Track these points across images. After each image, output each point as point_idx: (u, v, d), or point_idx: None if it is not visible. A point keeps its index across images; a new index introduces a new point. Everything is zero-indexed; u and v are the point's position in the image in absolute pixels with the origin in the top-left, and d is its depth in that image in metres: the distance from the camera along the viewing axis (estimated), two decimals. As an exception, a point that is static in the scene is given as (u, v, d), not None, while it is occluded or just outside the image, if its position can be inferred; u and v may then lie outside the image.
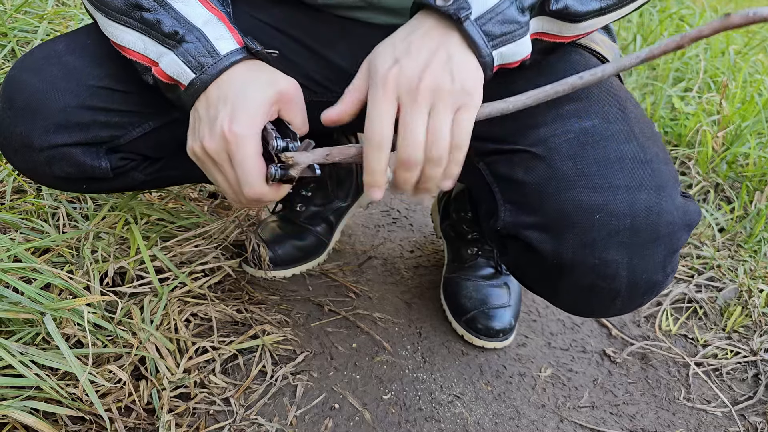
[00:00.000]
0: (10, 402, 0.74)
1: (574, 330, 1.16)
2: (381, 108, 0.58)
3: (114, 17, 0.69)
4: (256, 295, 1.10)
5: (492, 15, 0.59)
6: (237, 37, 0.68)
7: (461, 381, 1.01)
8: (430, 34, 0.60)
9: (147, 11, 0.67)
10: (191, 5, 0.68)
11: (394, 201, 1.52)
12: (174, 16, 0.67)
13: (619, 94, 0.72)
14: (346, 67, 0.84)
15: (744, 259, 1.42)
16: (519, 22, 0.60)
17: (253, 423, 0.87)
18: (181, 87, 0.67)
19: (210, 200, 1.27)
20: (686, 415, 1.01)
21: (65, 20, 1.51)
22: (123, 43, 0.69)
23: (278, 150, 0.65)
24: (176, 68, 0.66)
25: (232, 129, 0.63)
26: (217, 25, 0.68)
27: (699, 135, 1.79)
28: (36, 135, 0.73)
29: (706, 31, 0.58)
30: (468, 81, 0.59)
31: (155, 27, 0.67)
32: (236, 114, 0.63)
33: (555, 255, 0.65)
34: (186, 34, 0.66)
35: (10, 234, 0.96)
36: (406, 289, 1.21)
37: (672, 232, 0.64)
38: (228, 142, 0.63)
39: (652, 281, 0.66)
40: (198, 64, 0.65)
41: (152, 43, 0.67)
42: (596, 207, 0.63)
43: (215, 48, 0.66)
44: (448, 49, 0.59)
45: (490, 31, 0.59)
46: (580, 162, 0.64)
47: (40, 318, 0.79)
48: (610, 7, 0.65)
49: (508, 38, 0.60)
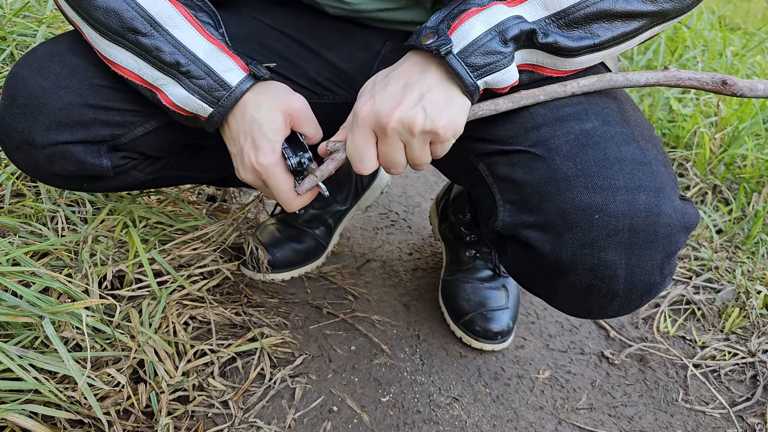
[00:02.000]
0: (8, 405, 0.74)
1: (572, 332, 1.17)
2: (356, 140, 0.66)
3: (107, 35, 0.70)
4: (254, 298, 1.10)
5: (474, 48, 0.63)
6: (242, 65, 0.71)
7: (459, 383, 1.01)
8: (410, 69, 0.66)
9: (143, 36, 0.69)
10: (188, 33, 0.70)
11: (393, 204, 1.52)
12: (173, 43, 0.69)
13: (619, 97, 0.73)
14: (347, 68, 0.85)
15: (742, 261, 1.42)
16: (502, 53, 0.63)
17: (252, 426, 0.87)
18: (201, 118, 0.72)
19: (208, 203, 1.27)
20: (684, 416, 1.02)
21: (64, 24, 1.51)
22: (115, 60, 0.72)
23: (295, 167, 0.72)
24: (194, 105, 0.71)
25: (259, 161, 0.71)
26: (221, 56, 0.71)
27: (696, 137, 1.79)
28: (37, 132, 0.74)
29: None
30: (441, 118, 0.64)
31: (153, 53, 0.69)
32: (258, 145, 0.71)
33: (554, 255, 0.66)
34: (189, 66, 0.69)
35: (9, 237, 0.96)
36: (404, 291, 1.21)
37: (670, 234, 0.64)
38: (259, 173, 0.72)
39: (649, 283, 0.66)
40: (213, 98, 0.70)
41: (147, 66, 0.70)
42: (596, 207, 0.63)
43: (225, 81, 0.70)
44: (425, 84, 0.64)
45: (473, 63, 0.63)
46: (580, 163, 0.65)
47: (38, 321, 0.79)
48: (604, 44, 0.66)
49: (492, 68, 0.64)
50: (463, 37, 0.63)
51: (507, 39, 0.63)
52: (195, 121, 0.74)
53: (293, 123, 0.73)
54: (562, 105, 0.69)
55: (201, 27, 0.72)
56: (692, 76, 0.69)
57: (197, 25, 0.71)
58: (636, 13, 0.65)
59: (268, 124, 0.70)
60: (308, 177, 0.72)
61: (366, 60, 0.84)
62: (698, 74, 0.69)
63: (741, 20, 3.81)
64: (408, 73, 0.65)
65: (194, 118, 0.73)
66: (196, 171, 0.94)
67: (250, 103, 0.71)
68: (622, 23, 0.65)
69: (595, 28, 0.65)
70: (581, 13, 0.64)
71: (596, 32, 0.65)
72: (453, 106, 0.64)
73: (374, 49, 0.84)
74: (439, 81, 0.64)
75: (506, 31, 0.62)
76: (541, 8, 0.64)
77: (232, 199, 1.32)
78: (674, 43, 2.52)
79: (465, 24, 0.63)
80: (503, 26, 0.62)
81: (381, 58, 0.84)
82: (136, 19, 0.68)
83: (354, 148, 0.67)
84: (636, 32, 0.67)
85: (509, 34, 0.63)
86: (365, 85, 0.68)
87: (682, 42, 2.46)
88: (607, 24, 0.65)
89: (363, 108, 0.65)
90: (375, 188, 1.32)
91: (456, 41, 0.63)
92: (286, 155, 0.72)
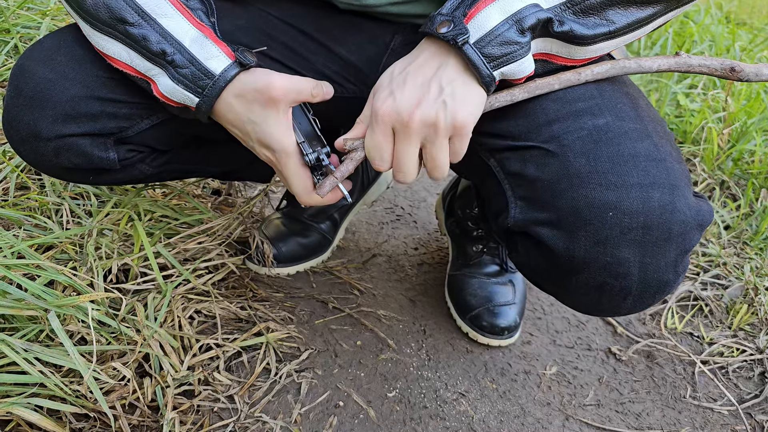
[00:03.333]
0: (14, 399, 0.73)
1: (579, 328, 1.16)
2: (377, 139, 0.65)
3: (98, 27, 0.69)
4: (260, 293, 1.10)
5: (491, 38, 0.61)
6: (228, 51, 0.69)
7: (466, 379, 1.00)
8: (428, 63, 0.64)
9: (131, 25, 0.68)
10: (176, 20, 0.69)
11: (399, 198, 1.51)
12: (159, 32, 0.68)
13: (632, 93, 0.72)
14: (356, 62, 0.84)
15: (750, 257, 1.41)
16: (519, 43, 0.62)
17: (258, 420, 0.86)
18: (191, 109, 0.71)
19: (214, 197, 1.27)
20: (692, 413, 1.01)
21: (67, 16, 1.50)
22: (108, 52, 0.71)
23: (313, 163, 0.70)
24: (180, 95, 0.69)
25: (271, 147, 0.70)
26: (206, 42, 0.69)
27: (704, 132, 1.78)
28: (44, 125, 0.73)
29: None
30: (460, 111, 0.63)
31: (140, 43, 0.68)
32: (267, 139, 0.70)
33: (567, 252, 0.65)
34: (174, 55, 0.68)
35: (14, 231, 0.95)
36: (410, 286, 1.20)
37: (685, 231, 0.63)
38: (273, 162, 0.72)
39: (663, 280, 0.65)
40: (198, 87, 0.69)
41: (137, 57, 0.69)
42: (609, 204, 0.62)
43: (209, 69, 0.68)
44: (444, 76, 0.63)
45: (490, 53, 0.62)
46: (593, 159, 0.64)
47: (44, 315, 0.79)
48: (619, 31, 0.65)
49: (509, 59, 0.63)
50: (480, 26, 0.61)
51: (524, 29, 0.61)
52: (188, 112, 0.72)
53: (287, 102, 0.70)
54: (574, 100, 0.68)
55: (189, 14, 0.70)
56: (702, 62, 0.68)
57: (185, 12, 0.70)
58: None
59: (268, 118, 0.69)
60: (328, 178, 0.70)
61: (375, 54, 0.83)
62: (708, 60, 0.68)
63: (746, 16, 3.80)
64: (426, 65, 0.64)
65: (186, 109, 0.72)
66: (202, 164, 0.93)
67: (234, 97, 0.69)
68: (637, 9, 0.64)
69: (610, 14, 0.64)
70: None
71: (611, 19, 0.64)
72: (472, 98, 0.63)
73: (383, 43, 0.83)
74: (458, 73, 0.63)
75: (523, 21, 0.61)
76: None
77: (238, 193, 1.31)
78: (681, 37, 2.51)
79: (482, 13, 0.61)
80: (520, 15, 0.61)
81: (390, 51, 0.83)
82: (124, 9, 0.67)
83: (374, 147, 0.65)
84: (650, 18, 0.66)
85: (526, 23, 0.61)
86: (382, 80, 0.67)
87: (689, 37, 2.45)
88: (622, 10, 0.64)
89: (383, 106, 0.63)
90: (381, 183, 1.32)
91: (473, 30, 0.61)
92: (304, 151, 0.70)
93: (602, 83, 0.70)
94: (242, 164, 1.00)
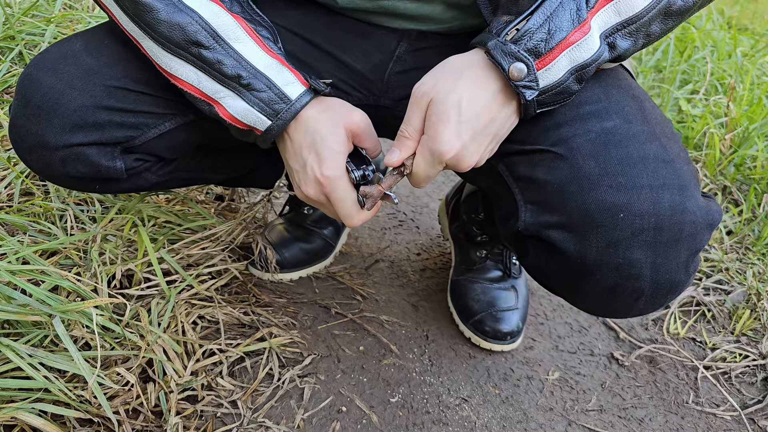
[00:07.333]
0: (18, 404, 0.74)
1: (581, 333, 1.16)
2: (430, 173, 0.68)
3: (169, 48, 0.70)
4: (263, 298, 1.10)
5: (553, 89, 0.64)
6: (302, 79, 0.71)
7: (469, 384, 1.00)
8: (493, 104, 0.65)
9: (206, 49, 0.69)
10: (249, 47, 0.70)
11: (401, 204, 1.52)
12: (235, 57, 0.69)
13: (638, 95, 0.72)
14: (361, 69, 0.84)
15: (752, 262, 1.41)
16: (573, 92, 0.65)
17: (261, 426, 0.86)
18: (257, 132, 0.71)
19: (217, 203, 1.27)
20: (695, 418, 1.01)
21: (72, 23, 1.51)
22: (176, 73, 0.71)
23: (358, 180, 0.71)
24: (252, 117, 0.70)
25: (323, 173, 0.69)
26: (282, 70, 0.71)
27: (706, 137, 1.78)
28: (51, 134, 0.73)
29: None
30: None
31: (215, 67, 0.69)
32: (323, 157, 0.69)
33: (579, 255, 0.65)
34: (251, 79, 0.69)
35: (19, 236, 0.96)
36: (413, 291, 1.20)
37: (695, 231, 0.64)
38: (322, 185, 0.70)
39: (674, 281, 0.66)
40: (273, 111, 0.70)
41: (207, 79, 0.70)
42: (620, 206, 0.63)
43: (286, 94, 0.70)
44: (505, 128, 0.68)
45: (544, 101, 0.65)
46: (602, 161, 0.64)
47: (48, 320, 0.79)
48: (653, 41, 0.68)
49: (557, 105, 0.67)
50: (549, 77, 0.63)
51: (583, 79, 0.64)
52: (249, 135, 0.73)
53: (354, 138, 0.72)
54: (581, 103, 0.69)
55: (261, 41, 0.71)
56: None
57: (258, 39, 0.71)
58: (686, 8, 0.66)
59: (332, 137, 0.69)
60: (373, 189, 0.71)
61: (380, 61, 0.84)
62: None
63: (748, 21, 3.80)
64: (492, 107, 0.65)
65: (249, 132, 0.72)
66: (208, 172, 0.94)
67: (311, 118, 0.71)
68: (672, 20, 0.67)
69: (653, 28, 0.66)
70: (648, 16, 0.64)
71: (652, 32, 0.66)
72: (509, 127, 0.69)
73: (388, 50, 0.84)
74: (513, 117, 0.67)
75: (586, 74, 0.64)
76: (614, 14, 0.64)
77: (241, 198, 1.32)
78: (683, 43, 2.51)
79: (555, 64, 0.63)
80: (585, 68, 0.63)
81: (395, 58, 0.84)
82: (199, 32, 0.68)
83: (424, 175, 0.68)
84: (677, 25, 0.69)
85: (587, 75, 0.64)
86: (447, 108, 0.64)
87: (691, 42, 2.45)
88: (661, 23, 0.66)
89: (450, 150, 0.64)
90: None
91: (542, 81, 0.63)
92: (350, 168, 0.71)
93: (608, 86, 0.71)
94: (246, 172, 1.00)
